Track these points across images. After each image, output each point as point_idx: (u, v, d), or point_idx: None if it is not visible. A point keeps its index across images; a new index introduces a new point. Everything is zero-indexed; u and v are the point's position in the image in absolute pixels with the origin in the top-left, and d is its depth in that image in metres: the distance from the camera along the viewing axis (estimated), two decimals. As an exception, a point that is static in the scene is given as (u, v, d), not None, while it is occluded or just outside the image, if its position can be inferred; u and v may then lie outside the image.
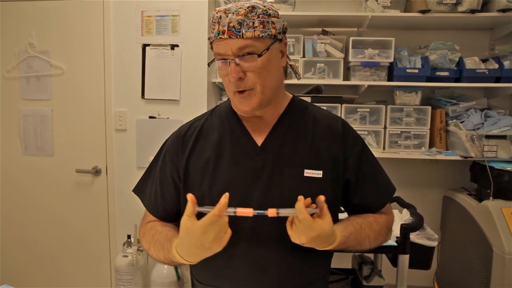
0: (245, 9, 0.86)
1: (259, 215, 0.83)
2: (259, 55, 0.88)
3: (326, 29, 2.34)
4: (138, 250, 2.16)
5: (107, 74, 2.21)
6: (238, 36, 0.85)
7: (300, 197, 0.81)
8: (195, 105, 2.15)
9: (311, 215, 0.83)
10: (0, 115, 2.35)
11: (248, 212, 0.83)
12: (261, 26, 0.87)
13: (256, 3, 0.88)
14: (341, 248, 0.93)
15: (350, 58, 2.16)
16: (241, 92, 0.90)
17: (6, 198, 2.41)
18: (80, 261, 2.39)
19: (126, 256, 2.12)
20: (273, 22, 0.89)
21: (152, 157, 1.10)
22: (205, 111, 1.11)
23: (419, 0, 2.10)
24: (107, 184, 2.29)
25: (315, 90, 2.23)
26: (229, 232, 0.83)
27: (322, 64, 2.22)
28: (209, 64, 0.97)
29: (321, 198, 0.84)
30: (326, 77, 2.22)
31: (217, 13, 0.88)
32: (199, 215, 0.82)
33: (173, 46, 2.13)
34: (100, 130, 2.26)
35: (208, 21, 2.11)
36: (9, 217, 2.41)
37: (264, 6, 0.88)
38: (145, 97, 2.19)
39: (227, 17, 0.85)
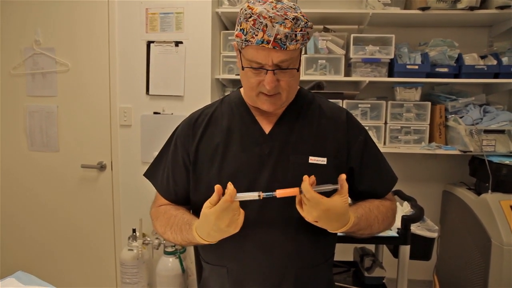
0: (290, 21, 0.86)
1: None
2: (298, 69, 0.93)
3: (328, 26, 2.38)
4: (143, 243, 2.19)
5: (112, 70, 2.24)
6: (282, 48, 0.87)
7: (305, 177, 0.86)
8: (199, 101, 2.17)
9: (331, 192, 0.88)
10: (6, 111, 2.38)
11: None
12: (302, 38, 0.89)
13: (295, 13, 0.88)
14: (354, 230, 0.96)
15: (351, 55, 2.20)
16: (268, 95, 0.94)
17: (12, 194, 2.44)
18: (85, 255, 2.42)
19: (132, 250, 2.15)
20: (307, 33, 0.92)
21: (157, 152, 1.14)
22: (208, 106, 1.15)
23: (419, -3, 2.14)
24: (112, 179, 2.32)
25: (317, 86, 2.26)
26: (242, 213, 0.88)
27: (324, 61, 2.25)
28: (242, 68, 0.94)
29: (343, 176, 0.89)
30: (327, 73, 2.26)
31: (258, 17, 0.86)
32: None
33: (177, 43, 2.16)
34: (105, 126, 2.29)
35: (211, 19, 2.15)
36: (15, 212, 2.44)
37: (303, 17, 0.89)
38: (150, 93, 2.22)
39: (274, 26, 0.85)
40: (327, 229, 0.91)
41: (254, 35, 0.87)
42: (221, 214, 0.85)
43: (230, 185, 0.85)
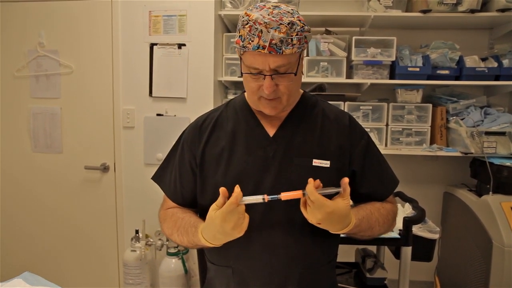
0: (285, 26, 0.87)
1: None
2: (296, 74, 0.93)
3: (329, 28, 2.39)
4: (146, 244, 2.20)
5: (115, 72, 2.25)
6: (278, 53, 0.88)
7: (310, 180, 0.88)
8: (202, 102, 2.20)
9: (333, 195, 0.90)
10: (11, 113, 2.40)
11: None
12: (298, 42, 0.90)
13: (292, 17, 0.89)
14: (355, 232, 0.98)
15: (353, 57, 2.21)
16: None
17: (15, 195, 2.45)
18: (88, 256, 2.44)
19: (134, 251, 2.16)
20: (305, 37, 0.93)
21: (160, 154, 1.16)
22: (211, 108, 1.17)
23: (420, 0, 2.16)
24: (115, 180, 2.34)
25: (319, 88, 2.28)
26: (247, 217, 0.90)
27: (326, 63, 2.26)
28: (242, 74, 0.96)
29: (345, 179, 0.90)
30: (329, 75, 2.27)
31: (254, 23, 0.88)
32: None
33: (180, 45, 2.18)
34: (108, 127, 2.31)
35: (214, 21, 2.16)
36: (18, 213, 2.46)
37: (299, 21, 0.91)
38: (153, 95, 2.23)
39: (268, 32, 0.87)
40: (329, 230, 0.93)
41: (250, 41, 0.89)
42: (227, 217, 0.87)
43: (237, 188, 0.87)
